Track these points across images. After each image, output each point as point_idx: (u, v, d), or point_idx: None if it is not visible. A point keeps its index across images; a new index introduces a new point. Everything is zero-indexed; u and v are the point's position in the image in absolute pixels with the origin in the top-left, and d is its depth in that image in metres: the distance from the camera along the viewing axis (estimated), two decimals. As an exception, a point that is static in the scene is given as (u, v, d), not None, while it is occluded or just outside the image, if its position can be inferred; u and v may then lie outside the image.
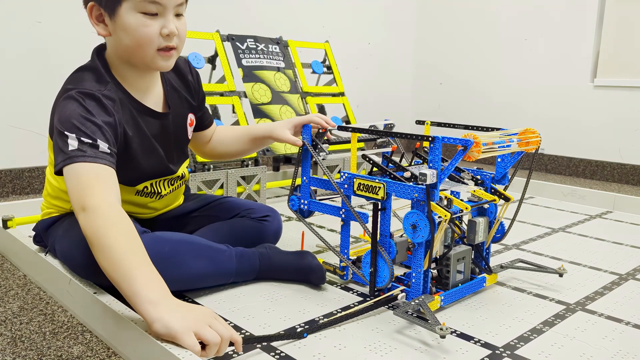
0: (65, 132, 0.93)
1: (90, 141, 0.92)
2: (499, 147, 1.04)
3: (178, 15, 1.01)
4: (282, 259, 1.18)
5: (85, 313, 1.00)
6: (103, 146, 0.94)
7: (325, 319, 1.02)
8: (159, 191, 1.17)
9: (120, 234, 0.85)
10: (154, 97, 1.11)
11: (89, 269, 0.99)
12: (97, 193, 0.88)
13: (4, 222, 1.38)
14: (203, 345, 0.77)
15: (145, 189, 1.14)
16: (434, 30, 3.41)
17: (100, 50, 1.07)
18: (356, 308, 1.02)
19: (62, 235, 1.08)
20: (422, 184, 0.99)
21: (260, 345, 0.91)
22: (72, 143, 0.92)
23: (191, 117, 1.21)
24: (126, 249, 0.84)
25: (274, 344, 0.91)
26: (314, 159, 1.17)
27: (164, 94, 1.13)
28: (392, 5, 3.32)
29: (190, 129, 1.21)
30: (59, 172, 0.93)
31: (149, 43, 0.99)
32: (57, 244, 1.09)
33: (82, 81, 1.00)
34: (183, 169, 1.22)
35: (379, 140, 1.26)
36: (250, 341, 0.88)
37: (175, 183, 1.21)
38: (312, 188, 1.20)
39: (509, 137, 1.09)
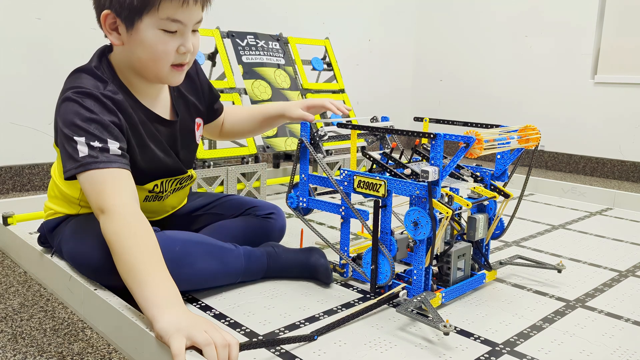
0: (74, 137, 0.91)
1: (100, 145, 0.91)
2: (499, 144, 1.04)
3: (194, 30, 1.01)
4: (289, 257, 1.18)
5: (85, 310, 1.00)
6: (113, 147, 0.92)
7: (327, 317, 1.02)
8: (167, 189, 1.16)
9: (137, 238, 0.86)
10: (161, 104, 1.10)
11: (97, 271, 0.98)
12: (114, 196, 0.89)
13: (5, 219, 1.38)
14: (200, 351, 0.77)
15: (156, 187, 1.12)
16: (434, 27, 3.41)
17: (104, 53, 1.04)
18: (360, 307, 1.02)
19: (69, 237, 1.06)
20: (423, 181, 0.99)
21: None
22: (82, 149, 0.90)
23: (198, 121, 1.20)
24: (142, 254, 0.85)
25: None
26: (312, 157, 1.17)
27: (170, 100, 1.12)
28: (393, 2, 3.31)
29: (198, 134, 1.20)
30: (69, 178, 0.92)
31: (164, 60, 0.98)
32: (64, 246, 1.07)
33: (79, 81, 0.98)
34: (191, 170, 1.22)
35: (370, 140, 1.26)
36: (259, 345, 0.86)
37: (184, 183, 1.20)
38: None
39: (509, 134, 1.09)
